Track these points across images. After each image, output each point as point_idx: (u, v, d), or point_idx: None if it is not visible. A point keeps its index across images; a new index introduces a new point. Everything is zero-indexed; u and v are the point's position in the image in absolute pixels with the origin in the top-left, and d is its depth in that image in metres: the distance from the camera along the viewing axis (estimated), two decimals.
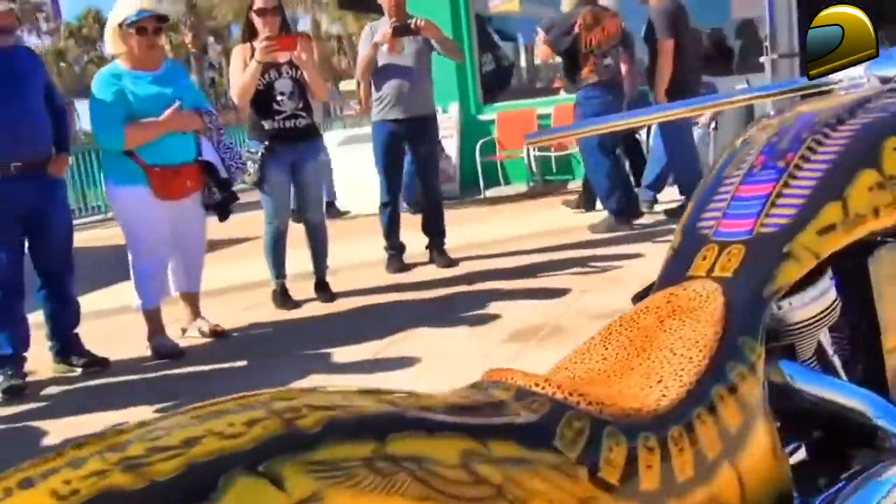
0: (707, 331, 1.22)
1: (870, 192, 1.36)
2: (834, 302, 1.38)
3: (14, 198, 3.53)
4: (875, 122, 1.46)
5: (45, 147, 3.70)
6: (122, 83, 3.77)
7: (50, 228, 3.71)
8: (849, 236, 1.35)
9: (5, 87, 3.49)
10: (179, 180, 3.82)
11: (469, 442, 0.89)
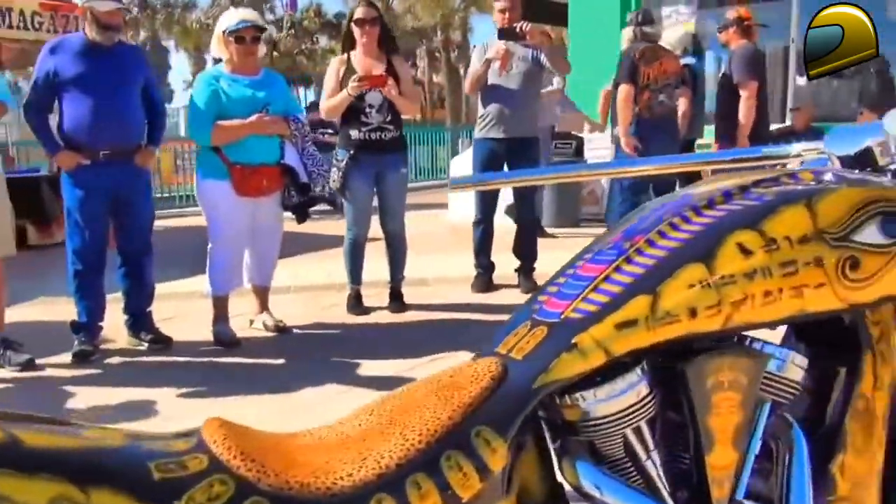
0: (443, 415, 1.18)
1: (689, 289, 1.25)
2: (642, 401, 1.28)
3: (101, 181, 3.91)
4: (735, 212, 1.34)
5: (135, 138, 4.06)
6: (218, 84, 4.06)
7: (132, 213, 4.07)
8: (653, 336, 1.24)
9: (103, 82, 3.86)
10: (258, 179, 4.06)
11: (67, 487, 0.93)
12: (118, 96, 3.88)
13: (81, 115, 3.85)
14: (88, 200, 3.92)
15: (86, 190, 3.91)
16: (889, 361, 1.50)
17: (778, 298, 1.27)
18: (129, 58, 4.07)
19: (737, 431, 1.32)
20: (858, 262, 1.30)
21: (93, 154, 3.88)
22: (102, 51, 3.91)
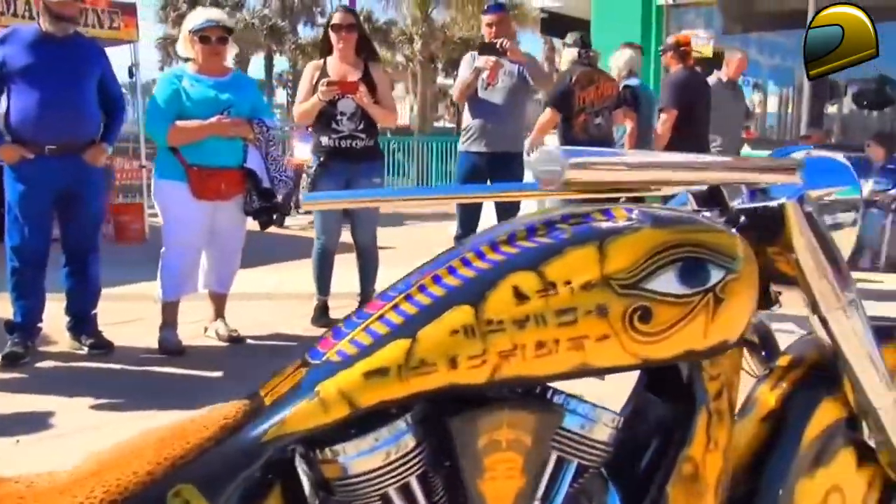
0: (144, 469, 1.07)
1: (451, 335, 1.13)
2: (406, 456, 1.16)
3: (45, 177, 3.82)
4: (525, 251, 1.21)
5: (86, 134, 3.95)
6: (180, 84, 4.01)
7: (79, 210, 3.98)
8: (405, 387, 1.12)
9: (53, 74, 3.78)
10: (216, 182, 3.99)
11: None
12: (69, 89, 3.81)
13: (28, 107, 3.77)
14: (30, 196, 3.84)
15: (28, 185, 3.83)
16: (725, 421, 1.37)
17: (554, 350, 1.14)
18: (84, 50, 3.98)
19: (518, 499, 1.19)
20: (650, 314, 1.17)
21: (38, 148, 3.79)
22: (55, 42, 3.84)
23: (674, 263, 1.19)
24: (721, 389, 1.36)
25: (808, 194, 1.38)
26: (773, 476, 1.48)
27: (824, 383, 1.53)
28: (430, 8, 22.65)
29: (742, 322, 1.28)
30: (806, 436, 1.49)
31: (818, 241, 1.38)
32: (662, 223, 1.24)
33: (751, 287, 1.28)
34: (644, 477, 1.37)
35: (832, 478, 1.51)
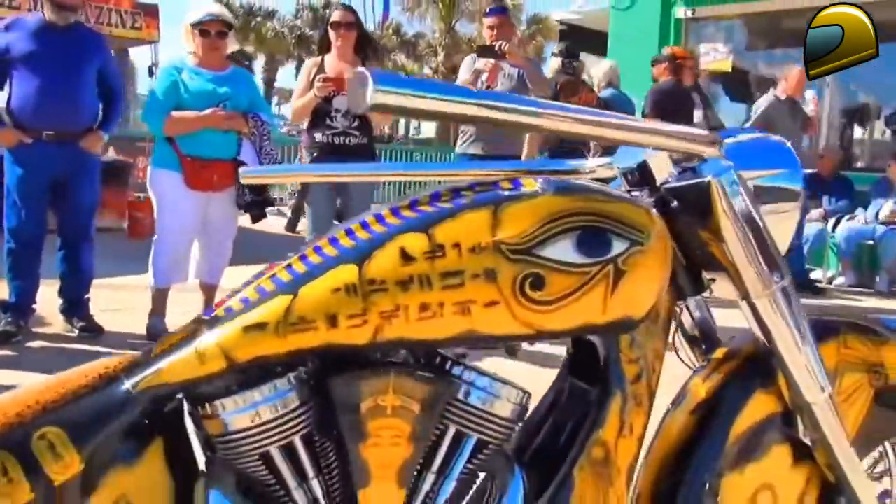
0: (14, 411, 1.06)
1: (333, 293, 1.10)
2: (288, 415, 1.13)
3: (42, 162, 3.93)
4: (422, 215, 1.17)
5: (84, 122, 4.05)
6: (179, 76, 4.04)
7: (73, 197, 4.08)
8: (284, 344, 1.09)
9: (54, 62, 3.87)
10: (209, 173, 4.01)
11: None
12: (68, 77, 3.90)
13: (28, 93, 3.86)
14: (28, 180, 3.94)
15: (26, 169, 3.92)
16: (643, 406, 1.32)
17: (438, 314, 1.10)
18: (86, 40, 4.08)
19: (403, 468, 1.15)
20: (543, 281, 1.13)
21: (36, 133, 3.88)
22: (57, 31, 3.93)
23: (571, 231, 1.15)
24: (640, 374, 1.32)
25: (739, 174, 1.33)
26: (699, 468, 1.42)
27: (759, 376, 1.47)
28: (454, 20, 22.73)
29: (648, 299, 1.23)
30: (735, 428, 1.43)
31: (748, 222, 1.32)
32: (564, 191, 1.19)
33: (660, 263, 1.23)
34: (553, 459, 1.32)
35: (764, 474, 1.45)
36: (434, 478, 1.20)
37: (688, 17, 8.59)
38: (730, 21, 8.73)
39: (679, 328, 1.66)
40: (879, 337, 1.57)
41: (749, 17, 8.69)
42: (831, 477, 1.49)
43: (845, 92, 8.83)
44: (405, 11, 23.23)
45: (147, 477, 1.11)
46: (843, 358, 1.51)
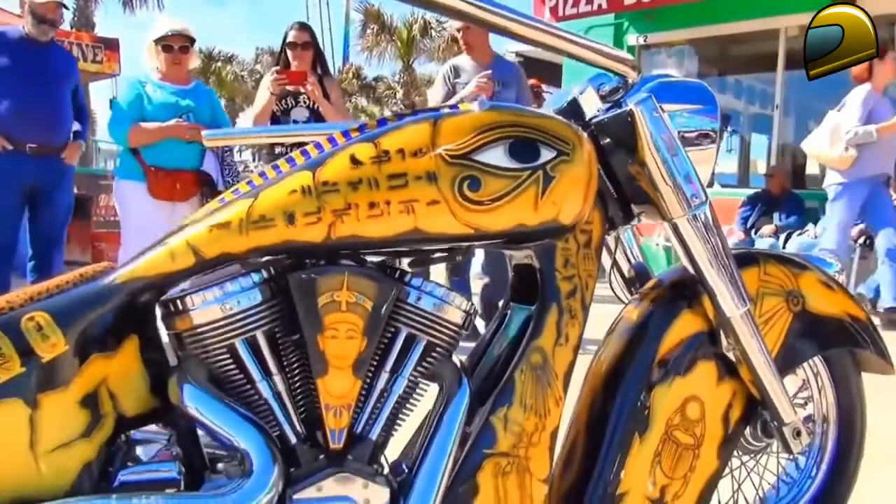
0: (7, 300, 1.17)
1: (290, 194, 1.21)
2: (251, 310, 1.24)
3: (23, 173, 4.07)
4: (371, 132, 1.30)
5: (63, 136, 4.23)
6: (143, 89, 4.15)
7: (50, 206, 4.22)
8: (247, 241, 1.21)
9: (36, 78, 4.06)
10: (171, 183, 4.11)
11: None
12: (50, 92, 4.11)
13: (12, 106, 4.02)
14: (6, 191, 4.07)
15: (5, 178, 4.05)
16: (578, 319, 1.44)
17: (386, 212, 1.22)
18: (63, 57, 4.34)
19: (358, 360, 1.26)
20: (479, 183, 1.26)
21: (20, 145, 4.04)
22: (37, 46, 4.13)
23: (504, 140, 1.28)
24: (574, 290, 1.44)
25: (657, 103, 1.47)
26: (631, 384, 1.54)
27: (685, 298, 1.60)
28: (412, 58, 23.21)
29: (575, 206, 1.36)
30: (662, 346, 1.56)
31: (667, 147, 1.46)
32: (497, 108, 1.33)
33: (584, 173, 1.36)
34: (496, 366, 1.43)
35: (690, 387, 1.57)
36: (387, 376, 1.31)
37: (640, 44, 8.90)
38: (681, 47, 9.05)
39: (616, 268, 1.80)
40: (797, 266, 1.72)
41: (698, 43, 9.02)
42: (756, 393, 1.61)
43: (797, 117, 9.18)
44: (364, 51, 23.64)
45: (124, 367, 1.21)
46: (764, 283, 1.65)
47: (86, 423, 1.15)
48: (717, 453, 1.58)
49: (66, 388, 1.14)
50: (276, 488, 1.17)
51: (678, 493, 1.54)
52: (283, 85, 4.36)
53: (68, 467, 1.13)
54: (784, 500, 1.82)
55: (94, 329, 1.17)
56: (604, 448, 1.50)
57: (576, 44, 1.36)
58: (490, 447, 1.36)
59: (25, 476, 1.10)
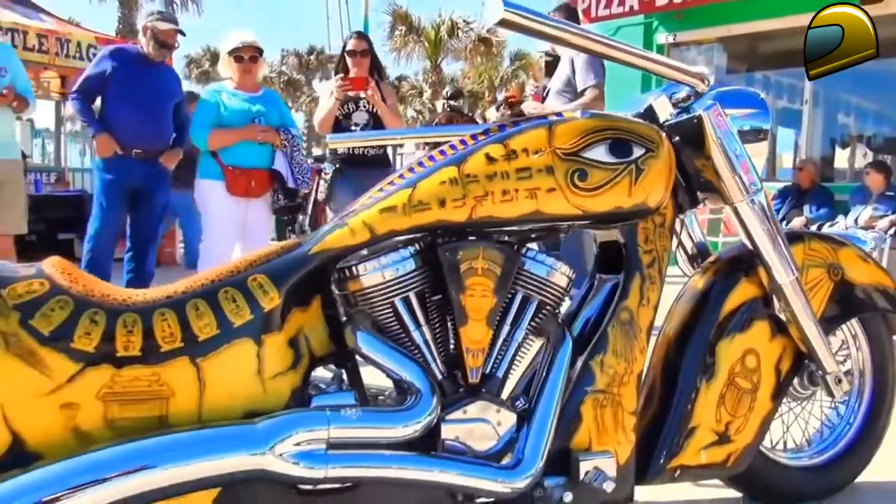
0: (229, 267, 1.51)
1: (440, 185, 1.55)
2: (408, 275, 1.57)
3: (129, 175, 4.53)
4: (497, 134, 1.64)
5: (164, 143, 4.70)
6: (220, 97, 4.51)
7: (149, 205, 4.66)
8: (409, 220, 1.55)
9: (147, 92, 4.51)
10: (247, 180, 4.46)
11: None
12: (158, 106, 4.54)
13: (124, 116, 4.45)
14: (114, 189, 4.51)
15: (114, 180, 4.50)
16: (656, 284, 1.77)
17: (515, 198, 1.56)
18: (171, 76, 4.81)
19: (490, 313, 1.60)
20: (586, 174, 1.59)
21: (127, 150, 4.48)
22: (152, 65, 4.58)
23: (604, 140, 1.62)
24: (653, 261, 1.77)
25: (720, 109, 1.80)
26: (699, 338, 1.87)
27: (742, 270, 1.93)
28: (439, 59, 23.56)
29: (659, 192, 1.69)
30: (724, 309, 1.89)
31: (729, 144, 1.79)
32: (597, 116, 1.67)
33: (666, 166, 1.69)
34: (592, 322, 1.76)
35: (748, 342, 1.89)
36: (509, 328, 1.65)
37: (669, 42, 9.15)
38: (710, 45, 9.31)
39: (681, 247, 2.12)
40: (837, 243, 2.04)
41: (727, 41, 9.26)
42: (803, 347, 1.93)
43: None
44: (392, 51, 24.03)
45: (313, 318, 1.56)
46: (808, 257, 1.97)
47: (292, 358, 1.50)
48: (771, 397, 1.90)
49: (279, 332, 1.49)
50: (436, 410, 1.51)
51: (739, 429, 1.86)
52: (346, 90, 4.70)
53: (283, 390, 1.48)
54: (826, 441, 2.13)
55: (295, 288, 1.51)
56: (678, 391, 1.83)
57: (658, 62, 1.69)
58: (590, 386, 1.70)
59: (255, 396, 1.45)
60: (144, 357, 1.40)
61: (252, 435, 1.39)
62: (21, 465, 1.32)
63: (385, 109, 4.80)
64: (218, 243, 4.54)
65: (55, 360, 1.36)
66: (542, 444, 1.58)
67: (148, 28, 4.63)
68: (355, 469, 1.45)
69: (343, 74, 4.74)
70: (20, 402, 1.34)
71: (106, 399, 1.38)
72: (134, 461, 1.33)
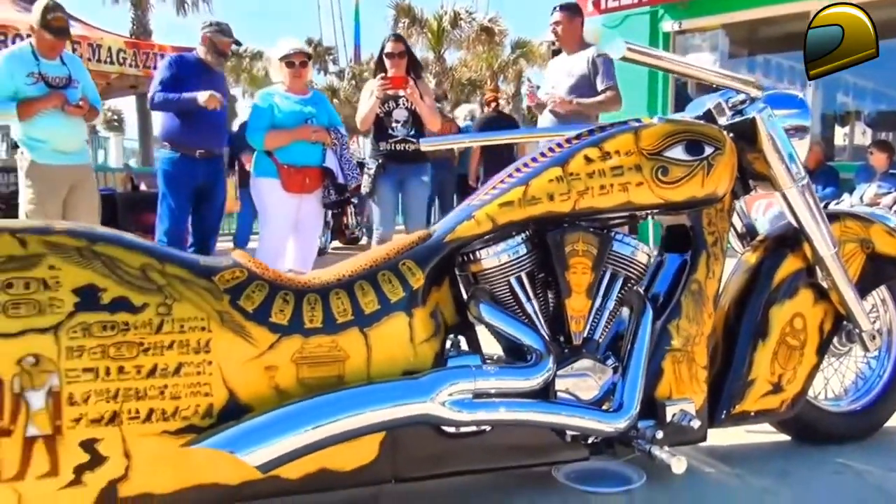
0: (382, 254, 1.85)
1: (549, 182, 1.90)
2: (520, 258, 1.92)
3: (194, 174, 4.92)
4: (591, 138, 1.99)
5: (222, 143, 5.18)
6: (273, 100, 4.84)
7: (212, 200, 5.05)
8: (524, 212, 1.90)
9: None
10: (301, 177, 4.80)
11: (150, 260, 1.64)
12: (215, 111, 4.85)
13: (189, 119, 4.80)
14: (181, 190, 4.89)
15: (180, 179, 4.88)
16: (719, 259, 2.13)
17: (610, 191, 1.91)
18: (223, 81, 5.17)
19: (589, 287, 1.95)
20: (667, 170, 1.95)
21: (191, 152, 4.86)
22: (210, 71, 4.96)
23: (681, 142, 1.96)
24: (716, 240, 2.12)
25: (771, 111, 2.14)
26: (754, 304, 2.22)
27: (789, 245, 2.28)
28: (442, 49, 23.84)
29: (725, 183, 2.04)
30: (775, 278, 2.24)
31: (779, 141, 2.13)
32: (673, 121, 2.01)
33: (730, 161, 2.04)
34: (667, 293, 2.11)
35: (796, 307, 2.24)
36: (601, 300, 2.00)
37: (675, 30, 9.48)
38: (713, 32, 9.63)
39: (733, 227, 2.47)
40: (867, 221, 2.38)
41: (730, 27, 9.59)
42: (842, 310, 2.29)
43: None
44: None
45: (444, 296, 1.91)
46: (843, 233, 2.32)
47: (434, 328, 1.85)
48: (816, 352, 2.26)
49: (424, 306, 1.84)
50: (553, 367, 1.86)
51: (790, 380, 2.21)
52: (387, 89, 5.03)
53: (428, 354, 1.83)
54: (860, 391, 2.49)
55: (433, 270, 1.86)
56: (738, 349, 2.18)
57: (719, 75, 2.04)
58: (668, 345, 2.05)
59: (408, 358, 1.80)
60: (325, 328, 1.75)
61: (417, 388, 1.74)
62: (234, 417, 1.67)
63: (423, 107, 5.13)
64: (275, 235, 4.88)
65: (258, 332, 1.70)
66: (637, 393, 1.94)
67: (207, 38, 5.00)
68: (494, 413, 1.80)
69: (383, 75, 5.07)
70: (234, 366, 1.69)
71: (297, 362, 1.73)
72: (326, 411, 1.68)
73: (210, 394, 1.67)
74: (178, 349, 1.65)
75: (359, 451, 1.77)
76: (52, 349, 1.58)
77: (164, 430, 1.64)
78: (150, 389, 1.64)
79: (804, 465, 2.25)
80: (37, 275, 1.59)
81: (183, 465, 1.66)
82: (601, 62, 5.06)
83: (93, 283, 1.61)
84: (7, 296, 1.57)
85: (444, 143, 2.98)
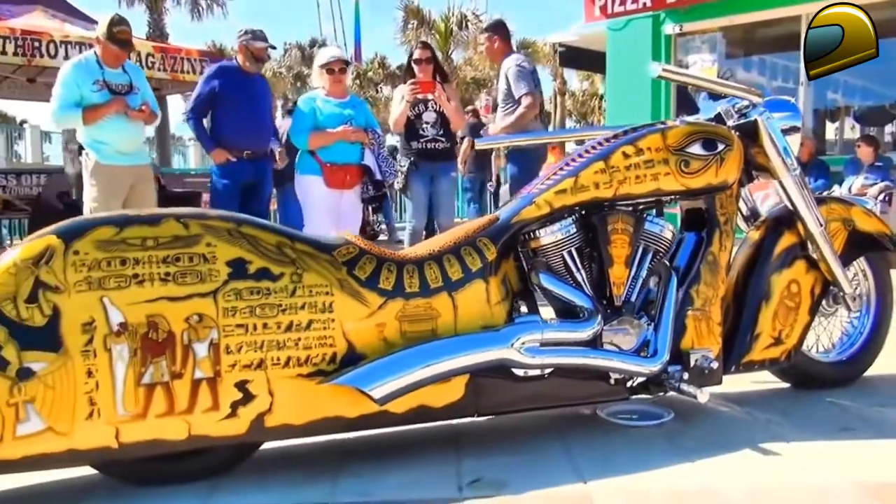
0: (462, 233, 2.33)
1: (594, 174, 2.39)
2: (571, 236, 2.41)
3: (242, 174, 5.41)
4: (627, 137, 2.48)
5: (267, 143, 5.59)
6: (315, 104, 5.31)
7: (258, 196, 5.54)
8: (575, 198, 2.39)
9: (249, 100, 5.34)
10: (342, 175, 5.25)
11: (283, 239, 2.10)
12: (260, 112, 5.37)
13: (234, 124, 5.31)
14: (230, 188, 5.37)
15: (229, 180, 5.36)
16: (730, 236, 2.61)
17: (644, 180, 2.40)
18: (264, 85, 5.65)
19: (627, 258, 2.44)
20: (689, 163, 2.44)
21: (239, 153, 5.35)
22: (250, 77, 5.43)
23: (699, 140, 2.46)
24: (727, 220, 2.61)
25: (771, 115, 2.63)
26: (760, 272, 2.71)
27: (785, 224, 2.76)
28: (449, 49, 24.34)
29: (734, 173, 2.53)
30: (775, 251, 2.72)
31: (777, 138, 2.62)
32: (689, 122, 2.51)
33: (738, 155, 2.54)
34: (687, 264, 2.60)
35: (792, 275, 2.73)
36: (635, 269, 2.48)
37: (676, 32, 9.95)
38: (713, 34, 10.11)
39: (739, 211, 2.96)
40: (848, 203, 2.88)
41: (728, 30, 10.07)
42: (829, 277, 2.78)
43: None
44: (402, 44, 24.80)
45: (510, 267, 2.39)
46: (829, 213, 2.81)
47: (504, 292, 2.33)
48: (808, 312, 2.75)
49: (496, 275, 2.32)
50: (601, 322, 2.35)
51: (787, 334, 2.70)
52: (416, 93, 5.51)
53: (501, 313, 2.31)
54: (845, 345, 2.99)
55: (503, 246, 2.34)
56: (746, 309, 2.67)
57: (728, 86, 2.53)
58: (690, 307, 2.53)
59: (486, 316, 2.27)
60: (421, 292, 2.22)
61: (498, 337, 2.22)
62: (352, 364, 2.14)
63: (450, 109, 5.61)
64: (318, 228, 5.35)
65: (370, 296, 2.17)
66: (667, 343, 2.42)
67: (243, 46, 5.45)
68: (557, 358, 2.29)
69: (413, 79, 5.54)
70: (351, 322, 2.16)
71: (400, 319, 2.20)
72: (431, 354, 2.16)
73: (333, 345, 2.13)
74: (308, 309, 2.11)
75: (449, 391, 2.24)
76: (212, 309, 2.02)
77: (298, 374, 2.09)
78: (287, 341, 2.08)
79: (801, 403, 2.75)
80: (198, 251, 2.04)
81: (314, 402, 2.11)
82: (511, 74, 5.58)
83: (241, 257, 2.06)
84: (176, 268, 2.01)
85: (496, 143, 3.46)
